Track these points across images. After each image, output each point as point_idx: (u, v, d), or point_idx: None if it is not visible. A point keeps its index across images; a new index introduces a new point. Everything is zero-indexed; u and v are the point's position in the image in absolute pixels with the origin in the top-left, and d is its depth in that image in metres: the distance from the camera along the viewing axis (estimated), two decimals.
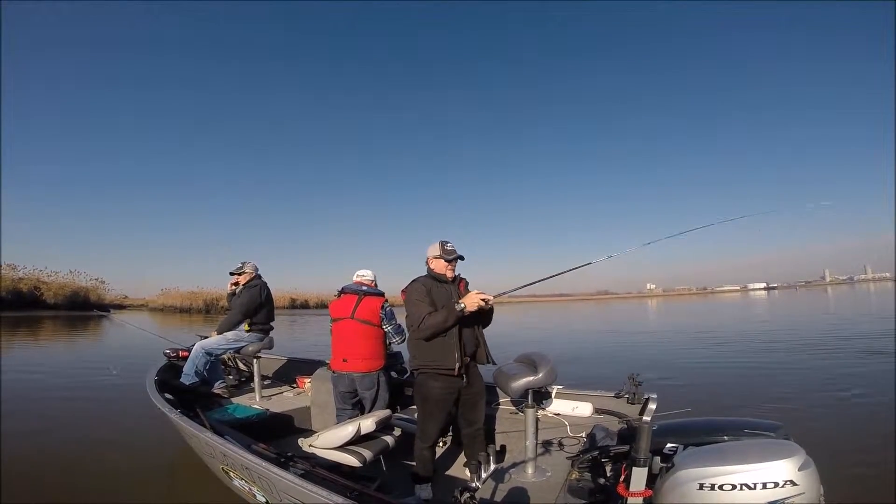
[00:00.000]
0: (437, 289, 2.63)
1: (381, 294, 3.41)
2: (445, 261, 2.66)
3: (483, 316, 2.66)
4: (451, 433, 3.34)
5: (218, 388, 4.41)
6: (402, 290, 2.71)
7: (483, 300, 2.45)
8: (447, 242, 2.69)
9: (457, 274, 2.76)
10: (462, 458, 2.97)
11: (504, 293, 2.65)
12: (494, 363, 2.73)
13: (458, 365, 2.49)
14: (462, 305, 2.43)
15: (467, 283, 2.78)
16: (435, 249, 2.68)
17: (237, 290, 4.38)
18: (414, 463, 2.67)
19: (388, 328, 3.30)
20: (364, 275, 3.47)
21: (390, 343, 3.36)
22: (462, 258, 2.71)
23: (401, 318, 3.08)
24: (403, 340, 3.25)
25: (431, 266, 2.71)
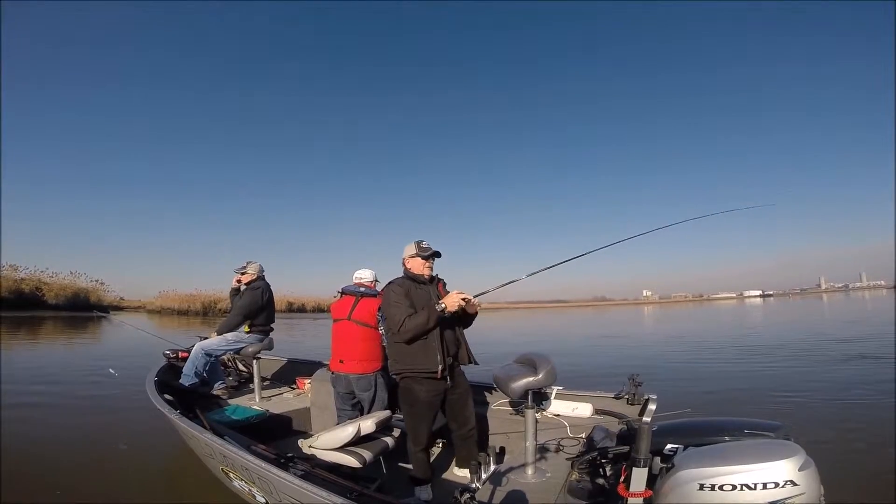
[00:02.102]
0: (416, 290, 2.59)
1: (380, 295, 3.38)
2: (422, 258, 2.63)
3: (464, 317, 2.64)
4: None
5: (218, 388, 4.41)
6: (378, 293, 2.69)
7: (463, 299, 2.43)
8: (422, 241, 2.67)
9: (435, 274, 2.73)
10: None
11: (484, 293, 2.61)
12: (477, 363, 2.70)
13: (441, 367, 2.46)
14: (443, 306, 2.41)
15: (445, 284, 2.76)
16: (411, 249, 2.66)
17: (241, 290, 4.39)
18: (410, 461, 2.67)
19: (381, 330, 3.20)
20: (362, 276, 3.44)
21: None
22: (439, 255, 2.67)
23: None
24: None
25: (408, 266, 2.68)
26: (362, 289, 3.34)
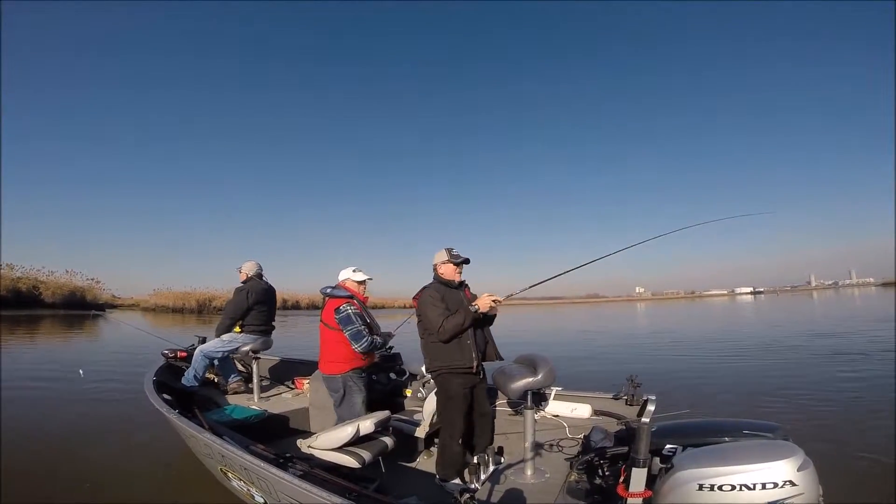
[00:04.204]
0: (449, 294, 2.76)
1: (346, 297, 3.20)
2: (454, 265, 2.81)
3: (490, 317, 2.82)
4: None
5: (233, 381, 4.54)
6: (414, 297, 2.84)
7: (494, 301, 2.64)
8: (452, 248, 2.85)
9: (462, 279, 2.90)
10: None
11: (511, 295, 2.80)
12: (502, 358, 2.86)
13: (476, 363, 2.66)
14: (476, 307, 2.61)
15: (469, 288, 2.93)
16: (442, 255, 2.83)
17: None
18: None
19: (345, 333, 3.09)
20: (339, 276, 3.37)
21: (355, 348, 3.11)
22: (468, 261, 2.86)
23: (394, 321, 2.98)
24: (365, 348, 3.07)
25: (440, 272, 2.84)
26: (328, 290, 3.27)
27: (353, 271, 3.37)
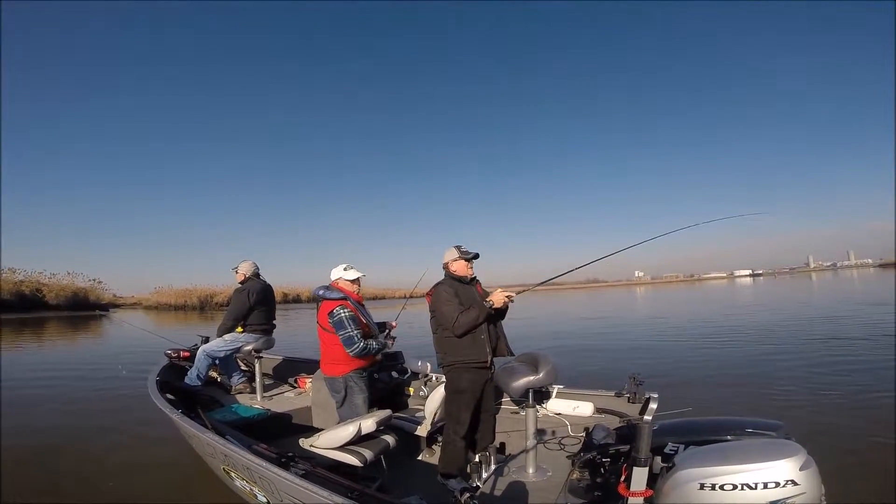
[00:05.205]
0: (462, 290, 2.79)
1: (340, 299, 3.11)
2: (465, 261, 2.85)
3: (502, 312, 2.86)
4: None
5: (239, 382, 4.57)
6: (427, 294, 2.87)
7: (507, 297, 2.68)
8: (461, 245, 2.88)
9: (474, 275, 2.93)
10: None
11: (524, 290, 2.88)
12: (513, 354, 2.87)
13: (489, 358, 2.70)
14: (491, 303, 2.64)
15: (480, 283, 2.98)
16: (453, 253, 2.86)
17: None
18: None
19: (339, 337, 3.02)
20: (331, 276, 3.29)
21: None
22: (478, 256, 2.90)
23: (405, 317, 2.98)
24: (357, 353, 3.00)
25: (452, 269, 2.87)
26: (321, 291, 3.20)
27: (345, 269, 3.26)
